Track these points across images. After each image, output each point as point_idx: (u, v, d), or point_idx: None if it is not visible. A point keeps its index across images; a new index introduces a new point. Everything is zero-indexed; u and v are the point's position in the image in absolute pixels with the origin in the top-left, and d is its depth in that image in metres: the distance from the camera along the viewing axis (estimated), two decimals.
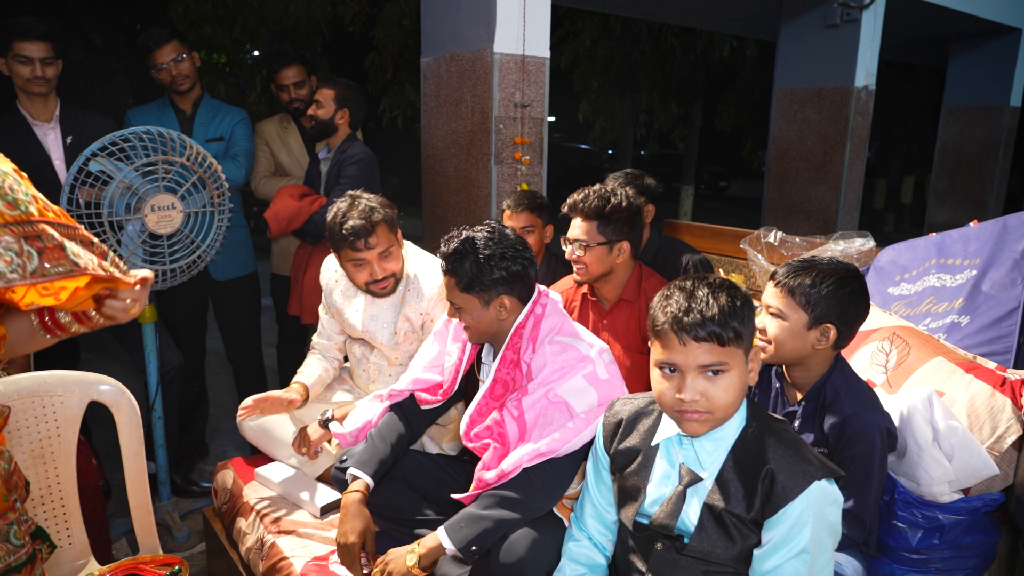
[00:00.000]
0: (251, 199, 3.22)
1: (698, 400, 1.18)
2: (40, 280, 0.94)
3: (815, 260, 1.54)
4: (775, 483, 1.18)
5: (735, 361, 1.19)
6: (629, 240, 2.01)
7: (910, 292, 2.19)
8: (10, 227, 0.91)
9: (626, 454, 1.37)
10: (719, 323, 1.16)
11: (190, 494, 2.87)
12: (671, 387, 1.21)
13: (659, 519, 1.27)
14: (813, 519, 1.16)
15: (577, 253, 2.02)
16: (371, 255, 1.96)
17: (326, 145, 2.85)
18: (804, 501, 1.16)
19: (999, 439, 1.58)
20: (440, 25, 3.23)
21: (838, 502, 1.20)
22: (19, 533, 1.19)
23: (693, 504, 1.25)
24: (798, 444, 1.23)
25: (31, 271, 0.93)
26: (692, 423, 1.21)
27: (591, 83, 10.07)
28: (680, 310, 1.18)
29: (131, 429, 1.70)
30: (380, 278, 2.00)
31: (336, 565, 1.68)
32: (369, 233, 1.93)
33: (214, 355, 3.58)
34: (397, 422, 1.79)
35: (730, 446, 1.24)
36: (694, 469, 1.26)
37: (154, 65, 2.73)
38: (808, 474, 1.17)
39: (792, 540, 1.17)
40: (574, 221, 2.03)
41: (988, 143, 6.47)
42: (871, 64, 4.59)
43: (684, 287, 1.22)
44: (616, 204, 1.97)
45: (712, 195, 17.25)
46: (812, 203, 4.80)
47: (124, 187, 2.17)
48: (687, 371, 1.19)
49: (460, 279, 1.59)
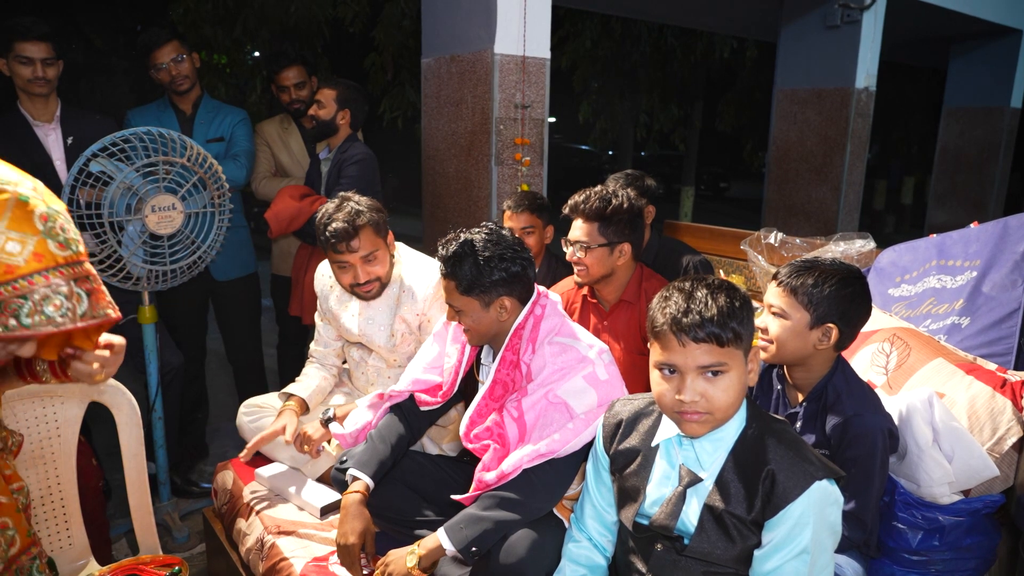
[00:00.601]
0: (252, 200, 3.22)
1: (698, 401, 1.18)
2: (89, 323, 0.92)
3: (818, 260, 1.54)
4: (776, 483, 1.18)
5: (734, 362, 1.19)
6: (630, 242, 2.01)
7: (910, 293, 2.19)
8: (60, 269, 0.88)
9: (626, 455, 1.37)
10: (718, 324, 1.16)
11: (190, 495, 2.87)
12: (671, 388, 1.21)
13: (659, 520, 1.27)
14: (814, 520, 1.16)
15: (578, 255, 2.01)
16: (354, 258, 1.95)
17: (327, 145, 2.85)
18: (805, 501, 1.16)
19: (999, 440, 1.58)
20: (440, 26, 3.23)
21: (839, 502, 1.20)
22: (41, 567, 1.21)
23: (693, 505, 1.25)
24: (799, 444, 1.23)
25: (81, 314, 0.90)
26: (692, 424, 1.21)
27: (591, 84, 10.09)
28: (679, 311, 1.18)
29: (131, 429, 1.70)
30: (363, 281, 1.99)
31: (336, 566, 1.68)
32: (351, 237, 1.92)
33: (214, 356, 3.58)
34: (397, 423, 1.79)
35: (730, 447, 1.24)
36: (694, 470, 1.26)
37: (154, 65, 2.73)
38: (809, 474, 1.17)
39: (793, 541, 1.16)
40: (575, 222, 2.02)
41: (988, 144, 6.48)
42: (871, 65, 4.59)
43: (683, 288, 1.22)
44: (617, 205, 1.97)
45: (712, 196, 17.25)
46: (812, 204, 4.80)
47: (125, 187, 2.17)
48: (686, 372, 1.19)
49: (460, 282, 1.58)
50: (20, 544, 1.17)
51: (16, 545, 1.16)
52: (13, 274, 0.83)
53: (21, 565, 1.18)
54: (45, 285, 0.86)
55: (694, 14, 6.12)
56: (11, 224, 0.83)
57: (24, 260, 0.84)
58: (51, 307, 0.86)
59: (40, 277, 0.85)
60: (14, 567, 1.16)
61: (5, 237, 0.83)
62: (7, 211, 0.83)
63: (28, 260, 0.84)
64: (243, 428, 2.22)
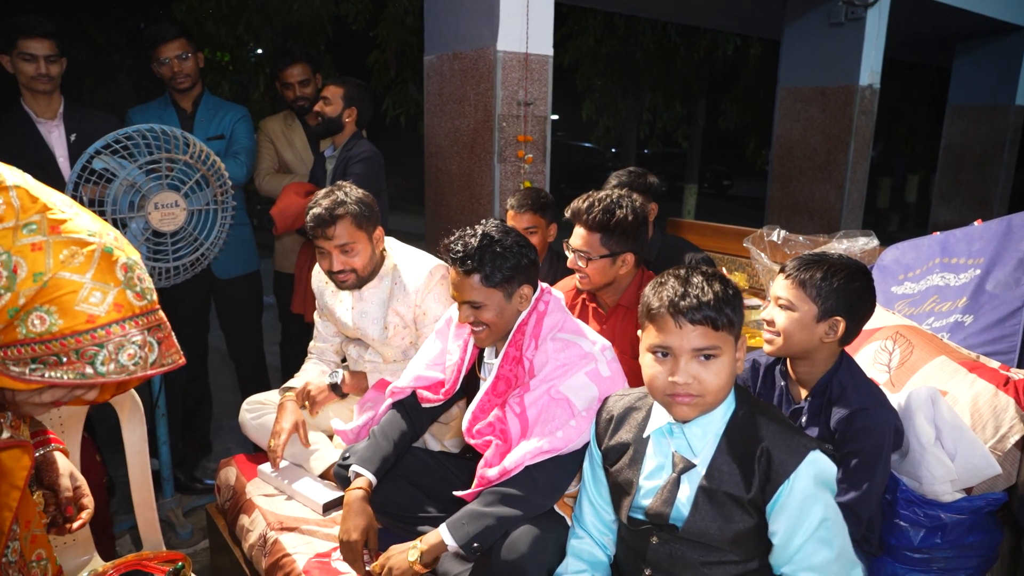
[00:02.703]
0: (255, 197, 3.22)
1: (691, 383, 1.21)
2: (157, 371, 0.94)
3: (826, 254, 1.56)
4: (772, 460, 1.20)
5: (726, 347, 1.22)
6: (633, 251, 1.97)
7: (913, 291, 2.19)
8: (137, 319, 0.90)
9: (618, 449, 1.38)
10: (714, 307, 1.20)
11: (193, 491, 2.88)
12: (664, 371, 1.23)
13: (653, 508, 1.29)
14: (819, 491, 1.19)
15: (579, 263, 1.98)
16: (329, 246, 1.99)
17: (332, 143, 2.85)
18: (805, 476, 1.19)
19: (1002, 438, 1.57)
20: (443, 23, 3.23)
21: (834, 470, 1.23)
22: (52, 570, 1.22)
23: (686, 491, 1.27)
24: (788, 421, 1.28)
25: (151, 362, 0.92)
26: (683, 407, 1.23)
27: (594, 81, 10.06)
28: (676, 294, 1.21)
29: (135, 426, 1.71)
30: (336, 270, 2.02)
31: (338, 562, 1.69)
32: (328, 224, 1.96)
33: (216, 353, 3.58)
34: (399, 419, 1.79)
35: (720, 431, 1.27)
36: (686, 456, 1.28)
37: (157, 59, 2.73)
38: (803, 446, 1.21)
39: (808, 515, 1.18)
40: (577, 229, 1.99)
41: (993, 142, 6.45)
42: (875, 63, 4.58)
43: (678, 275, 1.26)
44: (622, 218, 1.91)
45: (715, 194, 17.21)
46: (816, 202, 4.79)
47: (128, 185, 2.18)
48: (681, 354, 1.21)
49: (486, 274, 1.58)
50: (52, 572, 1.19)
51: (49, 574, 1.18)
52: (94, 323, 0.86)
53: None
54: (122, 335, 0.88)
55: (698, 12, 6.11)
56: (96, 275, 0.86)
57: (104, 311, 0.87)
58: (125, 356, 0.88)
59: (117, 327, 0.88)
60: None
61: (91, 288, 0.85)
62: (94, 263, 0.86)
63: (108, 311, 0.87)
64: (246, 425, 2.23)
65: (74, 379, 0.85)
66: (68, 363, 0.84)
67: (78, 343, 0.85)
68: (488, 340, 1.68)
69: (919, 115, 13.16)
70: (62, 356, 0.84)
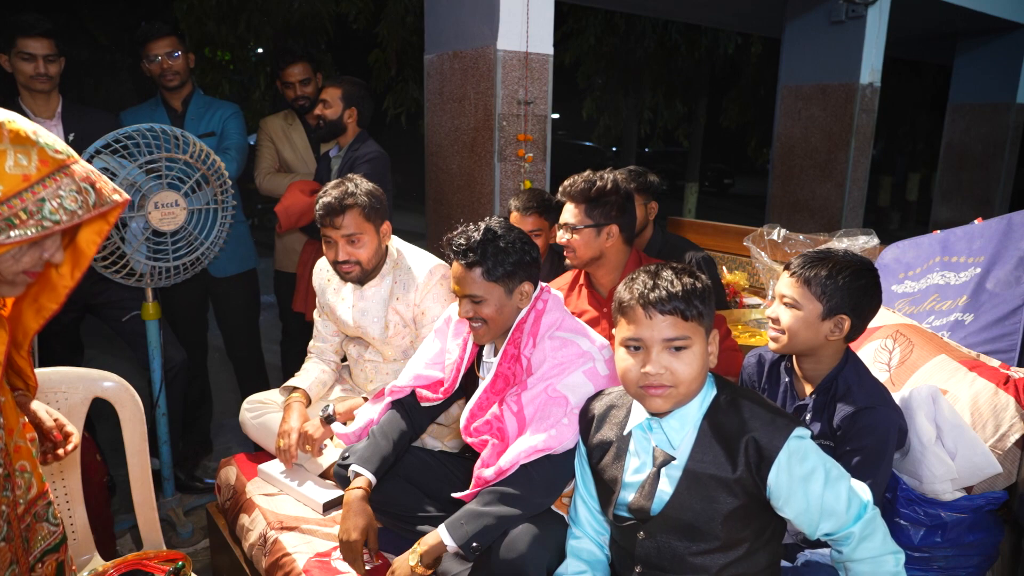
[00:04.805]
0: (253, 196, 3.22)
1: (663, 374, 1.22)
2: (102, 209, 1.03)
3: (831, 252, 1.55)
4: (760, 445, 1.23)
5: (697, 338, 1.24)
6: (618, 224, 1.99)
7: (914, 290, 2.18)
8: (63, 170, 0.98)
9: (601, 447, 1.40)
10: (683, 299, 1.23)
11: (194, 490, 2.88)
12: (636, 363, 1.25)
13: (636, 503, 1.30)
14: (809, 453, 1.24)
15: (566, 237, 2.01)
16: (337, 235, 2.01)
17: (336, 143, 2.84)
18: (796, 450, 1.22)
19: (1002, 437, 1.57)
20: (444, 22, 3.23)
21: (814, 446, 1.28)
22: (56, 512, 1.27)
23: (667, 484, 1.29)
24: (769, 403, 1.31)
25: (92, 204, 1.01)
26: (656, 399, 1.25)
27: (595, 80, 10.06)
28: (647, 287, 1.25)
29: (135, 425, 1.71)
30: (342, 260, 2.03)
31: (338, 561, 1.69)
32: (337, 213, 1.97)
33: (215, 352, 3.59)
34: (399, 419, 1.79)
35: (697, 421, 1.28)
36: (666, 450, 1.29)
37: (147, 55, 2.73)
38: (785, 425, 1.24)
39: (812, 479, 1.22)
40: (566, 206, 2.03)
41: (994, 141, 6.45)
42: (876, 61, 4.57)
43: (649, 270, 1.29)
44: (602, 187, 1.96)
45: (716, 192, 17.21)
46: (816, 200, 4.79)
47: (127, 184, 2.18)
48: (652, 345, 1.23)
49: (487, 267, 1.58)
50: (37, 488, 1.23)
51: (33, 489, 1.22)
52: (29, 181, 0.94)
53: (38, 510, 1.23)
54: (56, 186, 0.97)
55: (698, 10, 6.10)
56: (13, 141, 0.94)
57: (35, 169, 0.95)
58: (69, 202, 0.97)
59: (51, 179, 0.97)
60: (32, 511, 1.21)
61: (14, 152, 0.94)
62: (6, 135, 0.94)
63: (38, 167, 0.96)
64: (246, 424, 2.23)
65: (37, 232, 0.94)
66: (22, 223, 0.93)
67: (22, 201, 0.93)
68: (487, 337, 1.68)
69: (920, 113, 13.13)
70: (13, 219, 0.92)
